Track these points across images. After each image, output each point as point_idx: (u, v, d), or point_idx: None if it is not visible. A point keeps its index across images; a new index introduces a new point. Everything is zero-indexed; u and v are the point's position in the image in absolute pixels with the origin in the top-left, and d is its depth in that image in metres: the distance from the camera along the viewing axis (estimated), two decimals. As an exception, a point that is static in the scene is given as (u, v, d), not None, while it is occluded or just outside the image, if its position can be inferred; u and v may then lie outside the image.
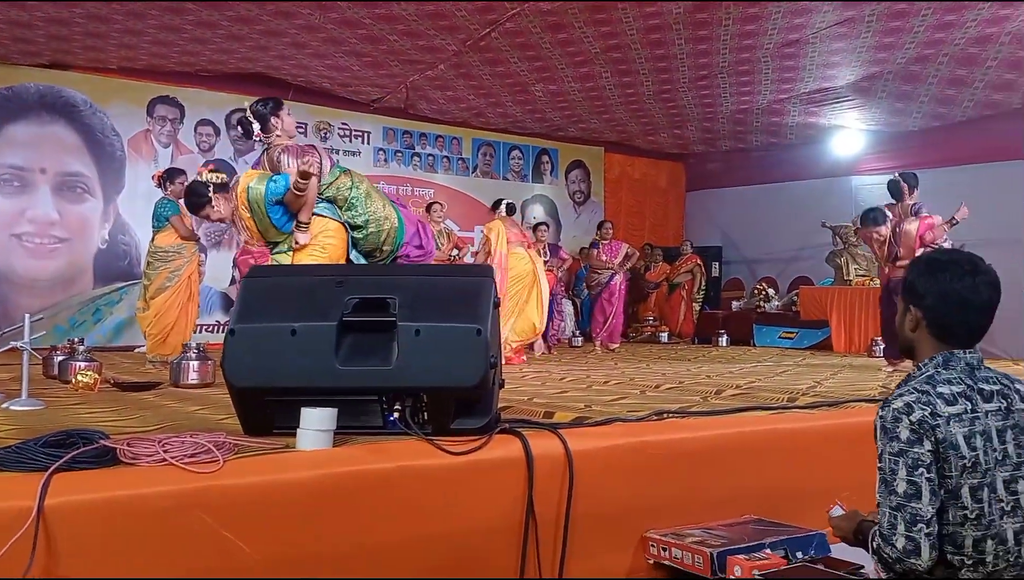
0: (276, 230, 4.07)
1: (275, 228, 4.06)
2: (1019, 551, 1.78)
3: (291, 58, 7.80)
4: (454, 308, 2.48)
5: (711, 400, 3.91)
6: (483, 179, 10.61)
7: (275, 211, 4.02)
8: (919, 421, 1.74)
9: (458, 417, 2.53)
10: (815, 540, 2.73)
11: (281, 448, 2.30)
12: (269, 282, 2.57)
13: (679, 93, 8.73)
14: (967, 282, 1.85)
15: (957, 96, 8.09)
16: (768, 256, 10.91)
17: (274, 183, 4.02)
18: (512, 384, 4.83)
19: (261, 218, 4.05)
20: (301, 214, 4.03)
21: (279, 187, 4.00)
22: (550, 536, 2.56)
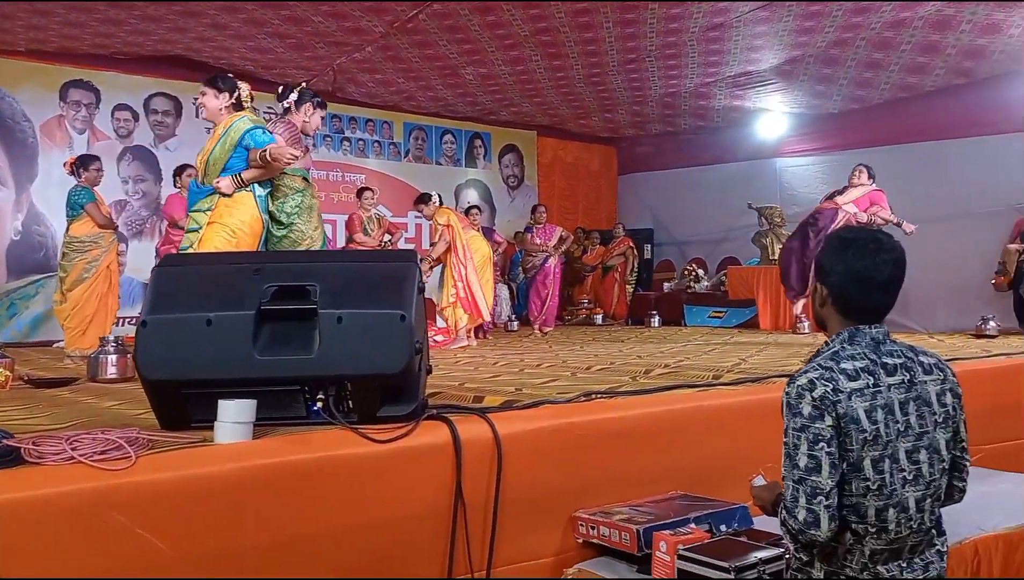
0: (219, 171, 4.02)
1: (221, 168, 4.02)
2: (921, 518, 1.85)
3: (211, 40, 7.55)
4: (377, 294, 2.45)
5: (640, 380, 3.96)
6: (415, 164, 10.50)
7: (239, 154, 4.00)
8: (821, 397, 1.79)
9: (384, 404, 2.50)
10: (738, 513, 2.80)
11: (198, 442, 2.24)
12: (182, 271, 2.49)
13: (609, 77, 8.78)
14: (869, 261, 1.90)
15: (874, 79, 8.35)
16: (698, 237, 11.13)
17: (262, 133, 4.01)
18: (444, 369, 4.82)
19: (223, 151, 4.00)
20: (246, 173, 4.01)
21: (262, 139, 3.99)
22: (479, 520, 2.57)
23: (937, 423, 1.87)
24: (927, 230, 8.66)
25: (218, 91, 4.12)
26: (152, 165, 8.53)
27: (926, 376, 1.89)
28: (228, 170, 4.00)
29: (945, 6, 6.63)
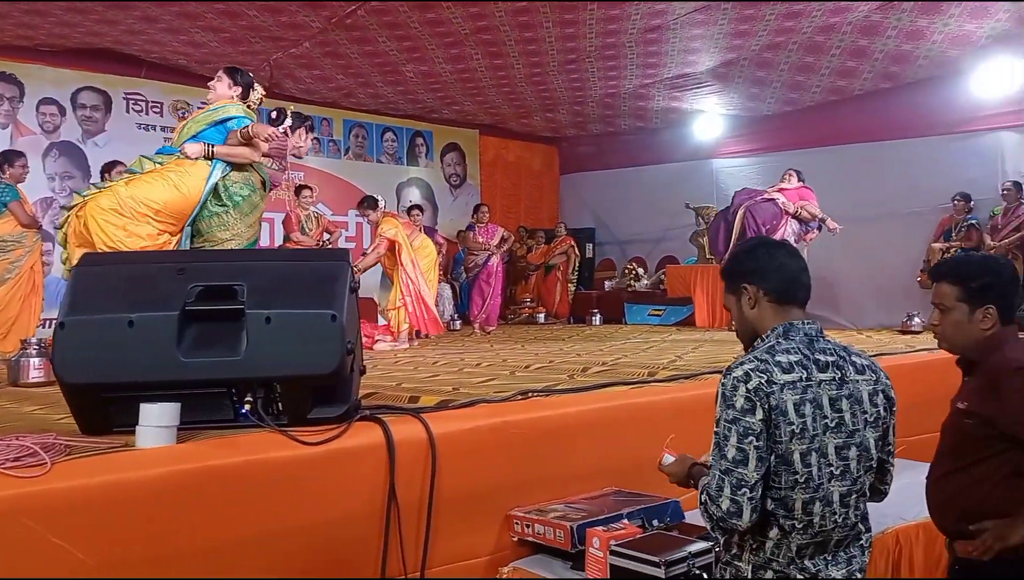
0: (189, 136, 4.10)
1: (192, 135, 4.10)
2: (846, 513, 1.90)
3: (142, 33, 7.33)
4: (308, 294, 2.41)
5: (576, 378, 3.99)
6: (356, 161, 10.37)
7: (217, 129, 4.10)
8: (755, 388, 1.83)
9: (315, 406, 2.47)
10: (670, 508, 2.85)
11: (119, 447, 2.17)
12: (103, 270, 2.41)
13: (549, 77, 8.82)
14: (797, 261, 2.08)
15: (806, 82, 8.58)
16: (638, 237, 11.26)
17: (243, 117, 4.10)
18: (383, 369, 4.78)
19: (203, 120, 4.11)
20: (220, 147, 4.07)
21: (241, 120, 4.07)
22: (414, 521, 2.56)
23: (868, 422, 1.93)
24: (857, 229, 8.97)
25: (233, 82, 4.28)
26: (80, 161, 8.24)
27: (858, 375, 1.95)
28: (198, 137, 4.05)
29: (872, 12, 6.86)
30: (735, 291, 2.06)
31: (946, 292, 2.22)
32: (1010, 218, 7.68)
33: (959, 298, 2.20)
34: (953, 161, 8.29)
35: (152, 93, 8.61)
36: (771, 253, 2.06)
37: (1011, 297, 2.21)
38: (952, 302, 2.21)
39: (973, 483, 2.13)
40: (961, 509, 2.15)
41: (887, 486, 2.07)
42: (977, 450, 2.12)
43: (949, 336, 2.25)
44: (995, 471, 2.09)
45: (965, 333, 2.20)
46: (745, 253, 2.11)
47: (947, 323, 2.24)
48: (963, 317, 2.19)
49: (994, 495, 2.08)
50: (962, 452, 2.16)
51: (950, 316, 2.22)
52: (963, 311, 2.19)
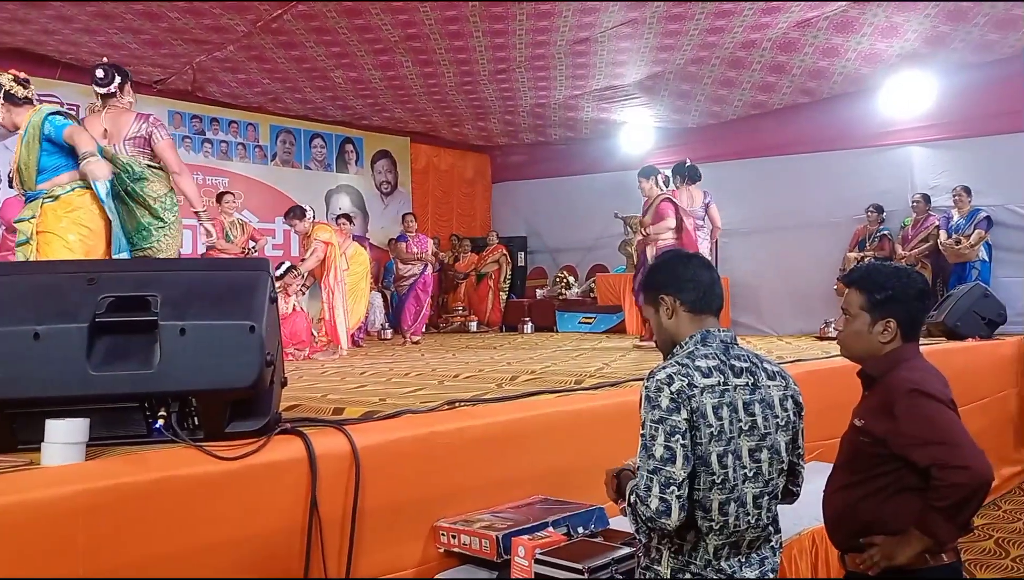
0: (34, 176, 3.67)
1: (35, 172, 3.67)
2: (758, 514, 1.96)
3: (56, 33, 7.06)
4: (225, 304, 2.34)
5: (505, 386, 4.00)
6: (283, 168, 10.19)
7: (47, 148, 3.70)
8: (678, 391, 1.88)
9: (233, 420, 2.40)
10: (595, 514, 2.88)
11: (24, 465, 2.07)
12: (7, 281, 2.29)
13: (480, 86, 8.85)
14: (710, 271, 2.15)
15: (728, 96, 8.84)
16: (569, 245, 11.40)
17: (61, 118, 3.71)
18: (309, 381, 4.70)
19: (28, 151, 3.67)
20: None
21: (61, 123, 3.70)
22: (336, 535, 2.51)
23: (779, 426, 2.00)
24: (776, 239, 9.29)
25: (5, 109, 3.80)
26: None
27: (769, 381, 2.02)
28: (45, 172, 3.68)
29: (791, 28, 7.11)
30: (653, 302, 2.12)
31: (852, 299, 2.26)
32: (919, 229, 8.06)
33: (862, 307, 2.23)
34: (867, 173, 8.66)
35: (69, 95, 8.27)
36: (686, 265, 2.13)
37: (915, 313, 2.24)
38: (856, 310, 2.25)
39: (865, 498, 2.16)
40: (853, 523, 2.19)
41: (799, 487, 2.14)
42: (870, 466, 2.16)
43: (848, 343, 2.29)
44: (886, 487, 2.13)
45: (863, 343, 2.24)
46: (661, 266, 2.18)
47: (848, 330, 2.28)
48: (863, 326, 2.23)
49: (884, 511, 2.12)
50: (856, 467, 2.21)
51: (852, 324, 2.26)
52: (864, 321, 2.23)
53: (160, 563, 2.11)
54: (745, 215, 9.56)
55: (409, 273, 8.97)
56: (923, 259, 7.95)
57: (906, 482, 2.10)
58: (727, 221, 9.64)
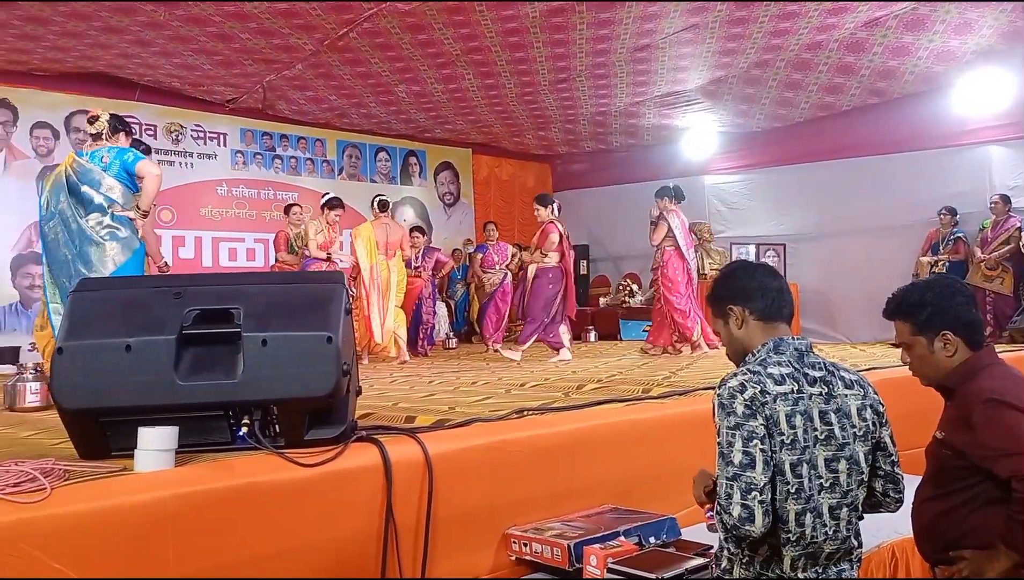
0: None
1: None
2: (836, 526, 1.92)
3: (135, 56, 7.38)
4: (303, 316, 2.43)
5: (572, 395, 4.01)
6: (350, 181, 10.41)
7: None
8: (751, 398, 1.86)
9: (312, 428, 2.48)
10: (666, 525, 2.86)
11: (118, 471, 2.18)
12: (100, 295, 2.42)
13: (541, 95, 8.90)
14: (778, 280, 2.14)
15: (794, 98, 8.68)
16: (632, 253, 11.29)
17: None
18: (379, 389, 4.79)
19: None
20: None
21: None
22: (411, 540, 2.56)
23: (857, 436, 1.96)
24: (848, 244, 9.05)
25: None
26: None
27: (846, 390, 1.98)
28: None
29: (858, 28, 6.95)
30: (722, 314, 2.11)
31: (901, 329, 2.24)
32: (999, 231, 7.75)
33: (913, 332, 2.21)
34: (942, 175, 8.38)
35: (146, 116, 8.65)
36: (751, 274, 2.12)
37: (963, 315, 2.19)
38: (908, 337, 2.22)
39: (952, 510, 2.13)
40: (941, 535, 2.15)
41: (901, 494, 2.08)
42: (954, 479, 2.13)
43: (919, 371, 2.26)
44: (971, 500, 2.09)
45: (932, 365, 2.20)
46: (727, 277, 2.17)
47: (914, 358, 2.25)
48: (924, 350, 2.20)
49: (970, 524, 2.08)
50: (941, 480, 2.17)
51: (913, 351, 2.23)
52: (922, 345, 2.20)
53: (246, 566, 2.19)
54: (814, 220, 9.35)
55: (490, 281, 9.02)
56: (1004, 262, 7.65)
57: (991, 494, 2.05)
58: (795, 226, 9.50)
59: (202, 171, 9.01)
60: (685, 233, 7.39)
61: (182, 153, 8.96)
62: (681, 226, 7.37)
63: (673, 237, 7.26)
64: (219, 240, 9.13)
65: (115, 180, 4.23)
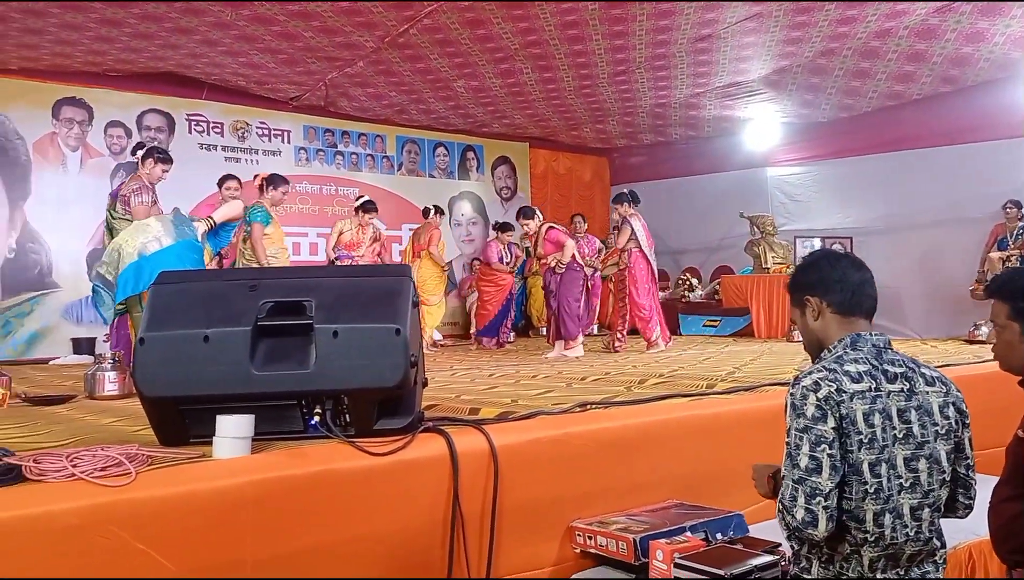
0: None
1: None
2: (918, 526, 1.87)
3: (203, 56, 7.59)
4: (372, 308, 2.47)
5: (634, 390, 3.99)
6: (409, 177, 10.53)
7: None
8: (825, 397, 1.82)
9: (381, 418, 2.53)
10: (733, 521, 2.83)
11: (197, 457, 2.25)
12: (179, 288, 2.51)
13: (599, 88, 8.84)
14: (863, 272, 2.07)
15: (862, 87, 8.43)
16: (691, 247, 11.17)
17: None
18: (441, 382, 4.84)
19: None
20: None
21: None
22: (476, 531, 2.59)
23: (939, 434, 1.90)
24: (917, 237, 8.76)
25: None
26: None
27: (928, 387, 1.93)
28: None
29: (930, 15, 6.72)
30: (799, 304, 2.07)
31: (998, 310, 2.15)
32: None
33: (1010, 317, 2.12)
34: (1016, 165, 8.05)
35: (213, 114, 8.90)
36: (833, 265, 2.05)
37: None
38: (1004, 321, 2.13)
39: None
40: (1018, 537, 2.07)
41: (971, 500, 2.02)
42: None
43: (1001, 355, 2.17)
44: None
45: (1019, 354, 2.12)
46: (808, 266, 2.11)
47: (1000, 342, 2.17)
48: (1014, 337, 2.11)
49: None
50: (1020, 480, 2.09)
51: (1003, 335, 2.15)
52: (1014, 331, 2.11)
53: (319, 552, 2.25)
54: (881, 213, 9.09)
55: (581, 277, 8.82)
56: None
57: None
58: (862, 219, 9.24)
59: (266, 167, 9.18)
60: (647, 236, 7.56)
61: (247, 150, 9.18)
62: (643, 229, 7.52)
63: (636, 240, 7.44)
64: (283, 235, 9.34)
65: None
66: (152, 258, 4.49)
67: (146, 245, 4.56)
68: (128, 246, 4.60)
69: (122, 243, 4.68)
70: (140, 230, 4.77)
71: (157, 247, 4.53)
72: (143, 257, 4.55)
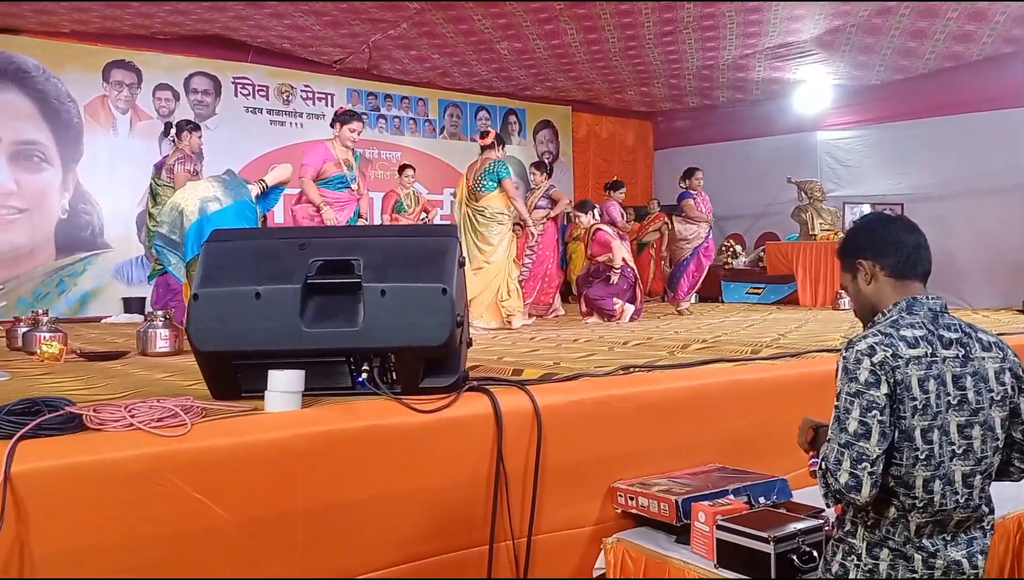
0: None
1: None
2: (969, 494, 1.85)
3: (249, 19, 7.63)
4: (419, 268, 2.49)
5: (677, 354, 3.97)
6: (450, 141, 10.52)
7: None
8: (880, 362, 1.79)
9: (427, 376, 2.56)
10: (777, 486, 2.82)
11: (249, 411, 2.31)
12: (231, 246, 2.55)
13: (645, 50, 8.69)
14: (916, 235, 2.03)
15: (919, 48, 8.15)
16: (736, 213, 10.97)
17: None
18: (482, 345, 4.87)
19: None
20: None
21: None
22: (519, 489, 2.62)
23: (994, 401, 1.87)
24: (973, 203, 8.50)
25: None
26: (193, 144, 8.67)
27: (984, 353, 1.89)
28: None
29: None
30: (851, 268, 2.03)
31: None
32: None
33: None
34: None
35: (258, 77, 8.97)
36: (886, 227, 2.03)
37: None
38: None
39: None
40: None
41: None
42: None
43: None
44: None
45: None
46: (859, 229, 2.09)
47: None
48: None
49: None
50: None
51: None
52: None
53: (366, 505, 2.30)
54: (934, 179, 8.82)
55: (694, 234, 7.88)
56: None
57: None
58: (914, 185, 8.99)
59: (311, 131, 9.29)
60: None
61: (292, 113, 9.24)
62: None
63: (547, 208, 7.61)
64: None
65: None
66: (214, 217, 4.55)
67: (207, 204, 4.64)
68: (189, 205, 4.68)
69: (181, 202, 4.73)
70: (197, 189, 4.86)
71: (217, 207, 4.60)
72: (204, 216, 4.61)
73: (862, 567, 1.89)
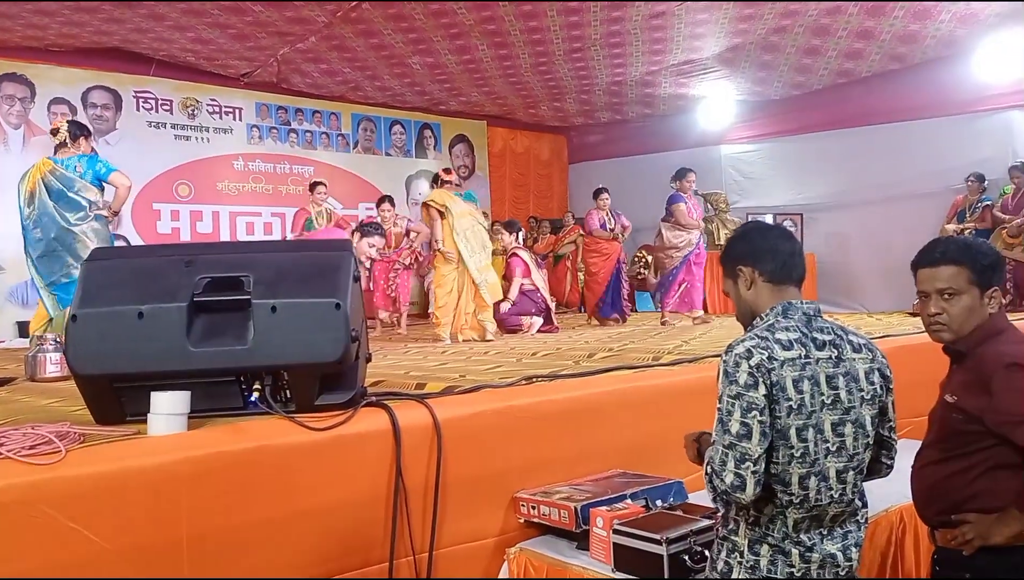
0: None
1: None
2: (842, 489, 1.93)
3: (149, 31, 7.40)
4: (312, 283, 2.45)
5: (582, 363, 4.03)
6: (365, 155, 10.43)
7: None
8: (757, 365, 1.86)
9: (323, 393, 2.52)
10: (673, 488, 2.89)
11: (132, 435, 2.23)
12: (111, 264, 2.46)
13: (555, 66, 8.83)
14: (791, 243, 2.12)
15: (813, 65, 8.54)
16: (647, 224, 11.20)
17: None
18: (393, 358, 4.84)
19: None
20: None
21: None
22: (420, 504, 2.60)
23: (864, 399, 1.96)
24: (866, 212, 8.95)
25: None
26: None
27: (855, 354, 1.98)
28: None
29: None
30: (732, 274, 2.10)
31: (952, 274, 2.09)
32: (1021, 199, 7.63)
33: (971, 281, 2.08)
34: (963, 142, 8.24)
35: (161, 91, 8.70)
36: (764, 235, 2.11)
37: (1003, 280, 2.18)
38: (963, 285, 2.08)
39: (955, 474, 2.09)
40: (943, 499, 2.12)
41: (892, 460, 2.09)
42: (963, 443, 2.08)
43: (959, 323, 2.09)
44: (979, 464, 2.05)
45: (975, 318, 2.09)
46: (740, 237, 2.16)
47: (958, 309, 2.09)
48: (974, 301, 2.08)
49: (976, 488, 2.06)
50: (948, 444, 2.13)
51: (960, 301, 2.08)
52: (975, 295, 2.08)
53: (257, 528, 2.24)
54: (832, 189, 9.26)
55: (684, 242, 7.49)
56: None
57: (1001, 459, 2.02)
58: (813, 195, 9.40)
59: (218, 146, 9.06)
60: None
61: (198, 128, 9.00)
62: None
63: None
64: (236, 214, 9.21)
65: (90, 185, 4.88)
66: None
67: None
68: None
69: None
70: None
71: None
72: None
73: (744, 564, 1.94)
